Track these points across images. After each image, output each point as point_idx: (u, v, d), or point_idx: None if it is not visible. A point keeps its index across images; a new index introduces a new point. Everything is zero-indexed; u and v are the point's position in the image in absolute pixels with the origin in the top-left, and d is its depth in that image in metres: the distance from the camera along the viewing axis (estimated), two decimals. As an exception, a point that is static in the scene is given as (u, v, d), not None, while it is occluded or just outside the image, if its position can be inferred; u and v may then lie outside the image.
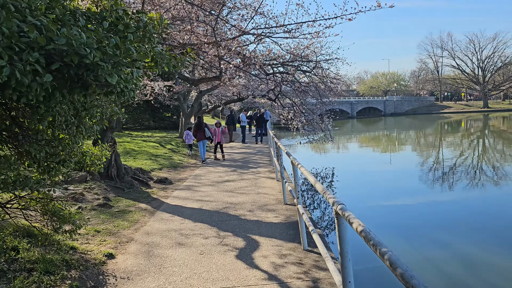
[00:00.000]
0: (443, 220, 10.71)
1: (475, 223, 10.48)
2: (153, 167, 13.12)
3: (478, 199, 13.44)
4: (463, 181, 16.34)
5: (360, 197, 13.62)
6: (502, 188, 14.80)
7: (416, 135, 42.45)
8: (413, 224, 10.52)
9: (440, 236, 9.40)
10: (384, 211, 11.88)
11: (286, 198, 8.01)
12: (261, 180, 10.96)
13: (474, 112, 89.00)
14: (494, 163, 21.33)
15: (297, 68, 11.61)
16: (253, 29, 8.78)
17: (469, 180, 16.63)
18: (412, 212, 11.69)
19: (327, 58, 11.50)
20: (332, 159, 25.51)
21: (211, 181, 11.10)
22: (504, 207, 12.17)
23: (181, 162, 15.30)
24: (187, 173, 12.89)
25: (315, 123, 23.93)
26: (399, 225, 10.50)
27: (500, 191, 14.36)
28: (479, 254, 8.43)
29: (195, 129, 15.39)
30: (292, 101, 22.87)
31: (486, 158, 23.91)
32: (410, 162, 22.67)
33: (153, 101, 28.17)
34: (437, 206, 12.25)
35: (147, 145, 19.21)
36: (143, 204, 8.43)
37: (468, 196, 13.79)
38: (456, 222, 10.57)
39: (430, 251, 8.44)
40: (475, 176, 17.48)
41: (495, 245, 8.85)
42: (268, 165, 13.90)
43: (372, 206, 12.35)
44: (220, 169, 13.40)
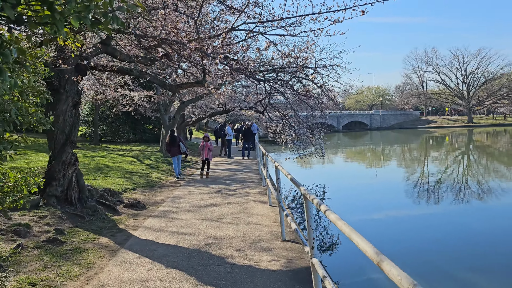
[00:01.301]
0: (429, 232, 10.97)
1: (462, 237, 10.60)
2: (126, 187, 11.40)
3: (463, 213, 13.61)
4: (448, 195, 16.34)
5: (351, 211, 13.66)
6: (486, 202, 15.11)
7: (404, 150, 41.68)
8: (404, 237, 10.61)
9: (427, 248, 9.56)
10: (376, 224, 11.95)
11: (285, 232, 6.39)
12: (250, 204, 9.33)
13: (459, 127, 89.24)
14: (479, 178, 21.64)
15: (294, 75, 10.10)
16: (244, 24, 7.27)
17: (455, 194, 16.69)
18: (405, 226, 11.86)
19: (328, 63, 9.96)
20: (321, 173, 24.24)
21: (191, 205, 9.43)
22: (487, 220, 12.47)
23: (159, 180, 13.59)
24: (165, 194, 11.19)
25: (306, 137, 22.60)
26: (391, 238, 10.51)
27: (484, 205, 14.63)
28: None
29: (169, 143, 14.32)
30: (282, 114, 21.49)
31: (471, 173, 24.08)
32: (399, 177, 22.44)
33: (133, 113, 26.45)
34: (424, 219, 12.64)
35: (123, 160, 17.44)
36: (104, 239, 6.72)
37: (451, 209, 13.94)
38: (442, 235, 10.67)
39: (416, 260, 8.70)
40: (460, 191, 17.61)
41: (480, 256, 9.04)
42: (258, 185, 12.30)
43: (362, 219, 12.43)
44: (203, 189, 11.75)
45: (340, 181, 21.61)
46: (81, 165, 14.81)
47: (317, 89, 10.82)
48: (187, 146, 26.61)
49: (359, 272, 7.98)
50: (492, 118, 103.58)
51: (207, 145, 14.25)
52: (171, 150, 14.22)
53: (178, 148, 14.11)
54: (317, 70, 9.90)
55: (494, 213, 13.29)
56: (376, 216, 12.84)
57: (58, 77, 8.02)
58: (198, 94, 19.09)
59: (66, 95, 8.32)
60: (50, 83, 8.12)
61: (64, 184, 8.41)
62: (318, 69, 9.84)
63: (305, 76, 10.39)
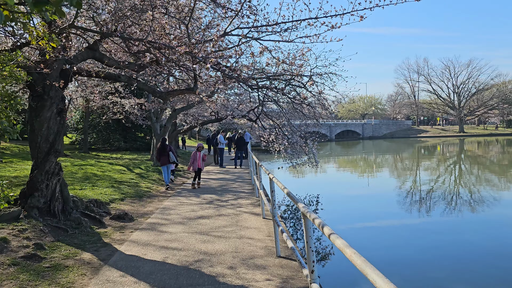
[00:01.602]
0: (420, 241, 11.14)
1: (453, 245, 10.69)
2: (114, 197, 10.97)
3: (454, 222, 13.68)
4: (439, 204, 16.47)
5: (344, 220, 13.86)
6: (477, 212, 15.21)
7: (397, 159, 41.72)
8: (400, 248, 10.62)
9: (417, 257, 9.69)
10: (368, 233, 12.09)
11: (280, 248, 6.03)
12: (243, 217, 8.96)
13: (450, 137, 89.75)
14: (470, 187, 21.80)
15: (288, 82, 9.81)
16: (237, 29, 6.96)
17: (446, 204, 16.77)
18: (396, 235, 11.93)
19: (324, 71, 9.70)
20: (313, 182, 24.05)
21: (181, 217, 9.04)
22: (478, 229, 12.57)
23: (149, 190, 13.17)
24: (154, 205, 10.78)
25: (299, 146, 22.39)
26: (383, 247, 10.56)
27: (475, 215, 14.73)
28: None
29: (159, 152, 14.06)
30: (274, 122, 21.22)
31: (463, 182, 24.34)
32: (392, 186, 22.53)
33: (124, 120, 26.04)
34: (415, 228, 12.80)
35: (112, 169, 17.00)
36: (87, 254, 6.31)
37: (443, 219, 14.04)
38: (433, 244, 10.78)
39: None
40: (451, 200, 17.65)
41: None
42: (251, 195, 11.94)
43: (354, 228, 12.62)
44: (194, 200, 11.36)
45: (333, 190, 21.62)
46: (69, 174, 14.36)
47: (311, 97, 10.49)
48: (178, 154, 26.21)
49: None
50: (483, 128, 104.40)
51: (199, 155, 13.90)
52: (161, 159, 13.95)
53: (168, 157, 13.85)
54: (312, 78, 9.62)
55: (484, 223, 13.42)
56: (368, 225, 12.97)
57: (42, 82, 7.64)
58: (190, 102, 18.76)
59: (51, 102, 7.93)
60: (33, 89, 7.74)
61: (47, 195, 7.99)
62: (313, 77, 9.56)
63: (299, 84, 10.09)
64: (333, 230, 2.58)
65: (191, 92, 7.72)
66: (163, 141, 14.18)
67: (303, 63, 8.58)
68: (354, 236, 11.44)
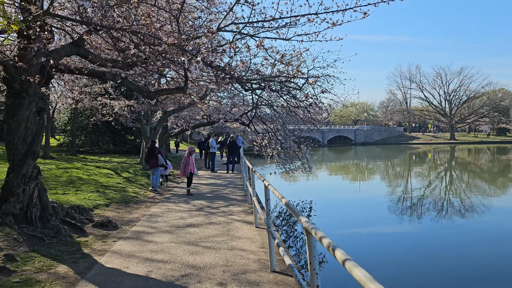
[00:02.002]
0: (409, 244, 11.48)
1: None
2: (98, 203, 10.39)
3: (445, 227, 13.87)
4: (430, 210, 16.70)
5: (336, 225, 13.93)
6: (467, 218, 15.39)
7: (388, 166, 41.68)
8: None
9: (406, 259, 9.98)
10: (361, 238, 12.17)
11: (274, 261, 5.52)
12: (235, 225, 8.44)
13: (441, 144, 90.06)
14: (461, 195, 21.86)
15: (283, 84, 9.32)
16: (232, 24, 6.48)
17: (436, 209, 16.96)
18: (387, 239, 12.09)
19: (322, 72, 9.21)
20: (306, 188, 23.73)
21: (169, 225, 8.49)
22: (468, 234, 12.79)
23: (136, 195, 12.59)
24: (141, 211, 10.21)
25: (292, 151, 21.99)
26: (374, 251, 10.72)
27: (465, 221, 14.91)
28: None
29: (147, 155, 13.78)
30: (268, 127, 20.76)
31: (453, 188, 24.71)
32: (384, 192, 22.70)
33: (114, 123, 25.42)
34: (405, 233, 12.99)
35: (99, 173, 16.38)
36: (63, 267, 5.75)
37: (433, 224, 14.20)
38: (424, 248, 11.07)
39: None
40: (442, 206, 17.89)
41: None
42: (243, 202, 11.42)
43: (347, 233, 12.71)
44: (183, 206, 10.81)
45: (326, 196, 21.49)
46: (52, 178, 13.74)
47: (308, 99, 10.01)
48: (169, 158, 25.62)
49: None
50: (473, 136, 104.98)
51: (191, 160, 13.35)
52: (150, 162, 13.66)
53: (156, 159, 13.53)
54: (309, 80, 9.15)
55: (474, 228, 13.70)
56: (361, 230, 13.04)
57: (20, 79, 7.08)
58: (182, 104, 18.23)
59: (29, 100, 7.37)
60: (10, 86, 7.18)
61: (23, 200, 7.41)
62: (310, 79, 9.09)
63: (295, 86, 9.62)
64: (347, 254, 2.09)
65: (181, 92, 7.21)
66: (152, 143, 13.85)
67: (300, 64, 8.09)
68: (347, 242, 11.51)
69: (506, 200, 20.09)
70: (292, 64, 8.38)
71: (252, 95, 10.99)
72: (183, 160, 13.39)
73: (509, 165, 39.64)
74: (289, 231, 12.82)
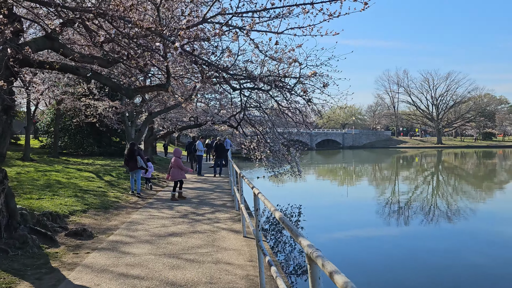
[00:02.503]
0: (397, 249, 11.46)
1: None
2: (75, 209, 9.69)
3: (431, 230, 14.10)
4: (416, 214, 16.81)
5: (325, 230, 13.91)
6: (455, 222, 15.34)
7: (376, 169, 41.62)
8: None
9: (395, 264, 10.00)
10: (350, 242, 12.23)
11: (265, 279, 4.92)
12: (221, 234, 7.83)
13: (428, 148, 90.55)
14: (447, 197, 22.14)
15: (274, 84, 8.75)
16: (219, 15, 5.91)
17: (423, 213, 17.09)
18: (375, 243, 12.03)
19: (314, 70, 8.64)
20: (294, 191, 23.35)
21: (150, 233, 7.85)
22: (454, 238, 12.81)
23: (117, 200, 11.90)
24: (121, 218, 9.53)
25: (281, 154, 21.50)
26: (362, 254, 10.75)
27: (453, 225, 14.82)
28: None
29: (127, 157, 13.41)
30: (256, 129, 20.21)
31: (440, 192, 24.54)
32: (371, 196, 22.67)
33: (98, 124, 24.63)
34: (393, 237, 13.01)
35: (80, 176, 15.62)
36: (25, 284, 5.08)
37: (419, 227, 14.35)
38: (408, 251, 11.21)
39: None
40: (428, 210, 18.00)
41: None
42: (230, 208, 10.81)
43: (335, 238, 12.69)
44: (167, 212, 10.16)
45: (314, 199, 21.36)
46: (29, 181, 12.97)
47: (306, 96, 9.43)
48: (155, 161, 24.87)
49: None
50: (460, 140, 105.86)
51: (180, 162, 12.64)
52: (129, 164, 13.27)
53: (135, 162, 13.11)
54: (301, 80, 8.61)
55: (459, 231, 13.74)
56: (350, 234, 13.07)
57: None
58: (168, 105, 17.58)
59: (-6, 97, 6.68)
60: (-28, 81, 6.48)
61: (-13, 207, 6.70)
62: (302, 79, 8.55)
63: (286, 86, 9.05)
64: None
65: (162, 90, 6.60)
66: (132, 145, 13.44)
67: (294, 61, 7.53)
68: (336, 247, 11.64)
69: (492, 204, 20.08)
70: (284, 61, 7.82)
71: (241, 95, 10.41)
72: (171, 163, 12.79)
73: (495, 169, 39.82)
74: (278, 236, 12.27)
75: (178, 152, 12.87)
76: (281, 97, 10.31)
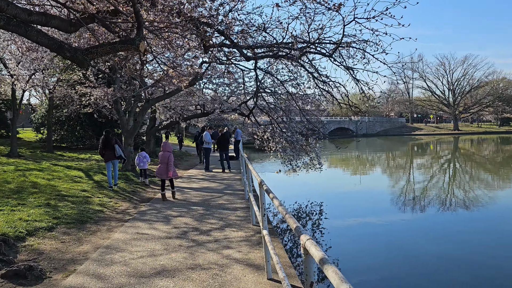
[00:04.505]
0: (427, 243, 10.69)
1: None
2: (38, 226, 7.23)
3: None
4: (438, 204, 16.18)
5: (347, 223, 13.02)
6: (477, 209, 15.00)
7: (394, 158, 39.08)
8: None
9: None
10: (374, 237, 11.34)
11: None
12: (233, 273, 5.27)
13: (444, 135, 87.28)
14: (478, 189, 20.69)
15: (305, 50, 6.14)
16: None
17: (451, 203, 16.52)
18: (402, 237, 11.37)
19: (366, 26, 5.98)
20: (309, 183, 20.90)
21: (129, 271, 5.33)
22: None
23: (101, 209, 9.41)
24: (97, 239, 7.04)
25: (299, 145, 18.93)
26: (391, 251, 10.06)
27: (475, 212, 14.45)
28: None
29: (102, 145, 12.26)
30: (271, 117, 17.64)
31: (472, 183, 23.07)
32: (398, 189, 20.97)
33: (96, 115, 22.22)
34: (423, 229, 12.28)
35: (65, 175, 13.21)
36: None
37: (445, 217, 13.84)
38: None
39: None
40: (452, 200, 17.33)
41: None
42: (244, 221, 8.25)
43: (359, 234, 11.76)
44: (160, 228, 7.64)
45: (332, 192, 19.94)
46: (-2, 184, 10.62)
47: (362, 60, 6.74)
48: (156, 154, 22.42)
49: None
50: (477, 126, 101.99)
51: (169, 158, 10.43)
52: (106, 153, 12.18)
53: (113, 151, 12.13)
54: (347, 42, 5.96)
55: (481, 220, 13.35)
56: (373, 230, 11.99)
57: None
58: (167, 91, 15.04)
59: None
60: None
61: None
62: (349, 38, 5.90)
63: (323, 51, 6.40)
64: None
65: (130, 48, 4.04)
66: (107, 133, 12.30)
67: (337, 7, 4.89)
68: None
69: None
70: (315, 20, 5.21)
71: (256, 71, 7.79)
72: (160, 156, 10.79)
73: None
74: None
75: (169, 146, 10.72)
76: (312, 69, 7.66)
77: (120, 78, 15.15)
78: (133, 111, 17.74)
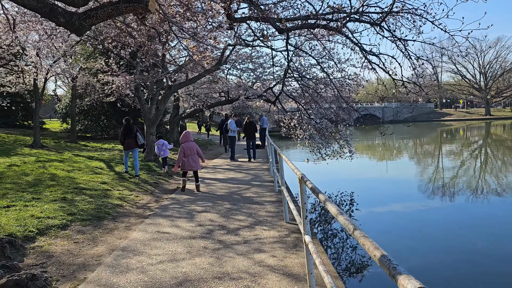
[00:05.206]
0: None
1: None
2: (50, 224, 6.59)
3: None
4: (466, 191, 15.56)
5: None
6: None
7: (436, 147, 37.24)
8: None
9: None
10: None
11: None
12: (267, 282, 4.44)
13: (476, 120, 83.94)
14: None
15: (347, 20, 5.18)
16: None
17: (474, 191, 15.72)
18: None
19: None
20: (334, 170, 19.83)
21: (146, 281, 4.59)
22: None
23: (121, 203, 8.75)
24: (113, 238, 6.34)
25: (328, 132, 17.99)
26: None
27: None
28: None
29: (123, 134, 11.95)
30: (299, 104, 16.67)
31: None
32: (439, 181, 18.95)
33: (120, 104, 21.73)
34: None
35: (86, 166, 12.68)
36: None
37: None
38: None
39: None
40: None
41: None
42: (276, 218, 7.40)
43: None
44: (183, 226, 6.89)
45: (363, 179, 19.11)
46: (16, 177, 10.08)
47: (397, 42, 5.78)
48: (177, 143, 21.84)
49: None
50: (510, 110, 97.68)
51: (193, 150, 9.73)
52: (126, 142, 11.86)
53: (134, 139, 11.82)
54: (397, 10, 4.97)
55: None
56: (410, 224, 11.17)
57: None
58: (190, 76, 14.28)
59: None
60: None
61: None
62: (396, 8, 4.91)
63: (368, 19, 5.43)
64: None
65: (137, 8, 3.22)
66: (127, 121, 12.02)
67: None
68: None
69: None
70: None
71: (287, 45, 6.87)
72: (181, 148, 10.05)
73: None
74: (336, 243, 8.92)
75: (191, 136, 10.08)
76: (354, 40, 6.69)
77: (141, 64, 14.45)
78: (155, 99, 17.06)
